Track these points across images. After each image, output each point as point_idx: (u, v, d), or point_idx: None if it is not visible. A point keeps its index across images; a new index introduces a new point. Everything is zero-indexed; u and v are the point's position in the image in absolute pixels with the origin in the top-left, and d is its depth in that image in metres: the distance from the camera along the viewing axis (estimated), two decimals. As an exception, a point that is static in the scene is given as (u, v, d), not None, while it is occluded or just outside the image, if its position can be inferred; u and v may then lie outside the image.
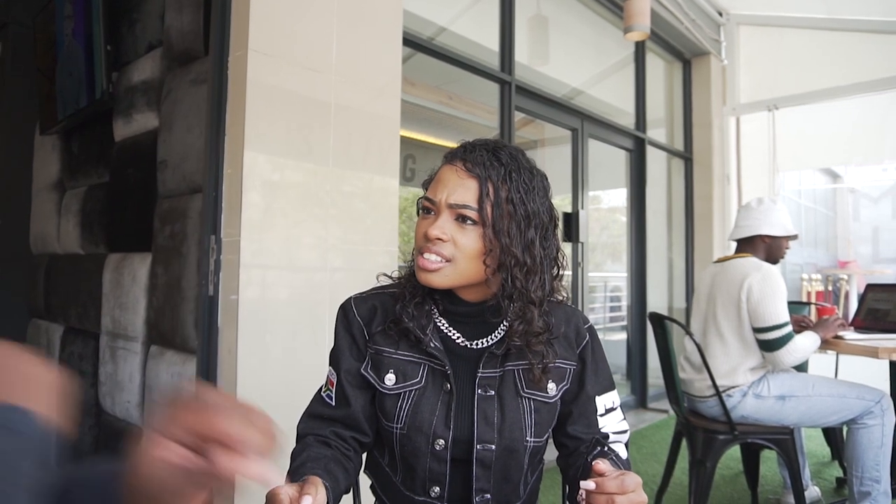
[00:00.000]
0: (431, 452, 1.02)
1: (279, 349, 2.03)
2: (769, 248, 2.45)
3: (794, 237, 2.49)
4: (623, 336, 4.93)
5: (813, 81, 5.18)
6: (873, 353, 2.24)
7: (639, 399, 4.63)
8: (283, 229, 2.06)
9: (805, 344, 2.26)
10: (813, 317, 3.38)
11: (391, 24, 2.47)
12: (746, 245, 2.48)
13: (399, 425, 1.04)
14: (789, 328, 2.24)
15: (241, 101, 1.94)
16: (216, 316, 1.95)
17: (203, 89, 2.22)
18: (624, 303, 5.01)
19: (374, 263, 2.38)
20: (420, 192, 1.11)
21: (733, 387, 2.32)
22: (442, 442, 1.02)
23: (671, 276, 5.41)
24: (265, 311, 1.99)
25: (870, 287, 2.79)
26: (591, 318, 3.63)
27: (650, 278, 4.80)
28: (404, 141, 6.11)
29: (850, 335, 2.46)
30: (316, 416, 1.14)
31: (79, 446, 2.99)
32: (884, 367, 2.64)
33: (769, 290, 2.27)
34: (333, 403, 1.12)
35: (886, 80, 4.83)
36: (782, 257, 2.48)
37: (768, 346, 2.24)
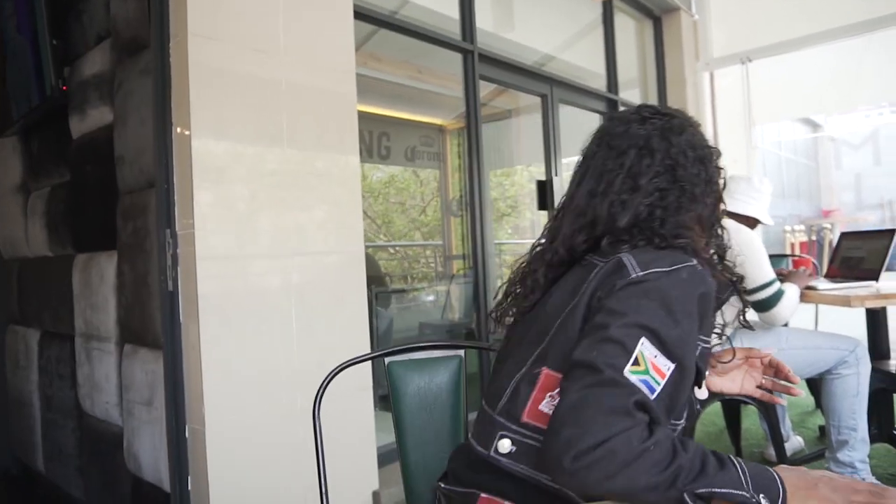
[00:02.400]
0: None
1: (244, 340, 2.00)
2: (747, 222, 2.44)
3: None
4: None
5: (786, 31, 5.12)
6: (846, 301, 2.24)
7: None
8: (239, 217, 2.01)
9: (794, 296, 2.27)
10: (788, 266, 3.40)
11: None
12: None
13: None
14: (778, 284, 2.25)
15: (184, 89, 1.88)
16: (178, 311, 1.92)
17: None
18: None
19: (340, 244, 2.35)
20: (397, 169, 1.03)
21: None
22: None
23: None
24: (226, 302, 1.96)
25: (844, 235, 2.79)
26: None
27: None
28: (377, 119, 5.99)
29: (823, 285, 2.45)
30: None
31: (62, 450, 2.98)
32: (861, 315, 2.65)
33: (750, 250, 2.27)
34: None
35: (858, 24, 4.77)
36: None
37: (763, 306, 2.24)
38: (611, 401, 0.74)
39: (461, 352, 1.28)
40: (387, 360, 1.28)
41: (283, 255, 2.13)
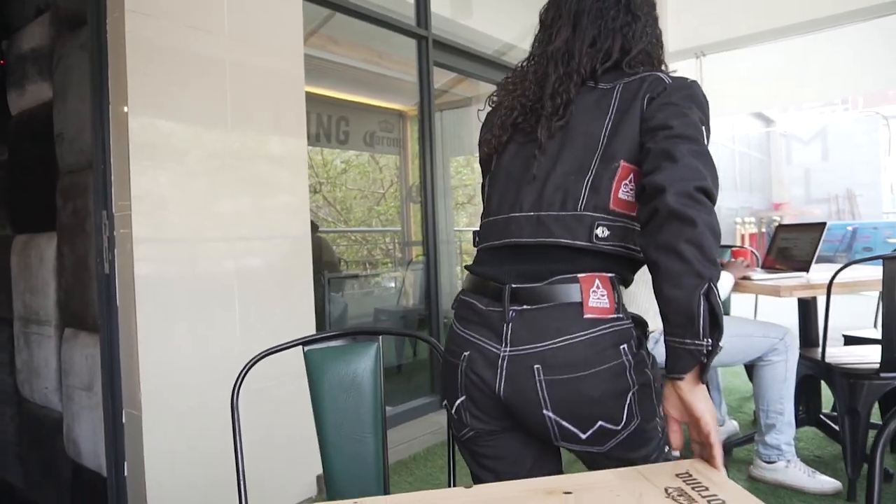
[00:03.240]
0: None
1: (184, 326, 1.98)
2: None
3: None
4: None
5: (739, 27, 5.24)
6: (776, 291, 2.32)
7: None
8: (179, 200, 1.98)
9: (722, 282, 2.35)
10: (729, 257, 3.51)
11: (289, -20, 2.37)
12: None
13: None
14: None
15: (121, 66, 1.83)
16: (115, 294, 1.88)
17: (89, 56, 2.09)
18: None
19: (285, 229, 2.33)
20: (354, 153, 1.05)
21: (652, 331, 2.39)
22: None
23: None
24: (166, 286, 1.93)
25: (780, 227, 2.89)
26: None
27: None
28: (335, 103, 5.91)
29: (758, 275, 2.54)
30: None
31: (1, 437, 2.91)
32: (794, 303, 2.76)
33: None
34: None
35: (808, 22, 4.92)
36: None
37: None
38: (712, 166, 0.98)
39: (378, 339, 1.29)
40: (305, 347, 1.28)
41: (226, 239, 2.11)
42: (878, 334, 2.66)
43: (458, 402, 1.08)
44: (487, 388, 1.04)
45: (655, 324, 2.42)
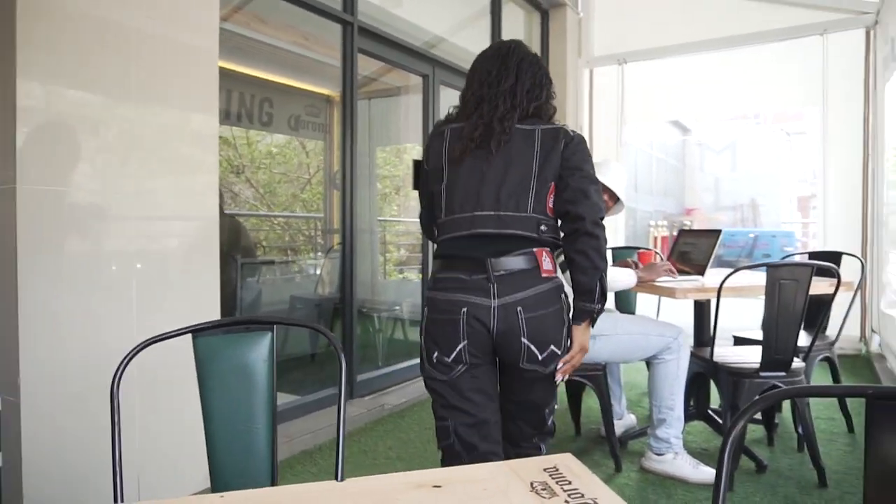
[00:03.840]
0: None
1: (74, 308, 1.87)
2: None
3: (618, 201, 2.59)
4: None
5: (660, 38, 5.47)
6: (671, 293, 2.45)
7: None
8: (73, 173, 1.86)
9: (613, 275, 2.43)
10: (638, 259, 3.66)
11: (205, -49, 2.26)
12: None
13: None
14: None
15: (10, 24, 1.69)
16: (-8, 272, 1.75)
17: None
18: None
19: (192, 210, 2.24)
20: (283, 137, 1.11)
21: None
22: None
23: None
24: (53, 266, 1.81)
25: (681, 232, 3.05)
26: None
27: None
28: (259, 83, 5.72)
29: (667, 280, 2.65)
30: None
31: None
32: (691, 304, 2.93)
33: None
34: None
35: (725, 38, 5.20)
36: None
37: None
38: (602, 199, 1.66)
39: (273, 328, 1.27)
40: (194, 335, 1.24)
41: (125, 218, 2.00)
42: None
43: (460, 346, 1.56)
44: (485, 329, 1.55)
45: None
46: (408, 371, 3.92)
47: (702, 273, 2.71)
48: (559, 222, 1.62)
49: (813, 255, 3.24)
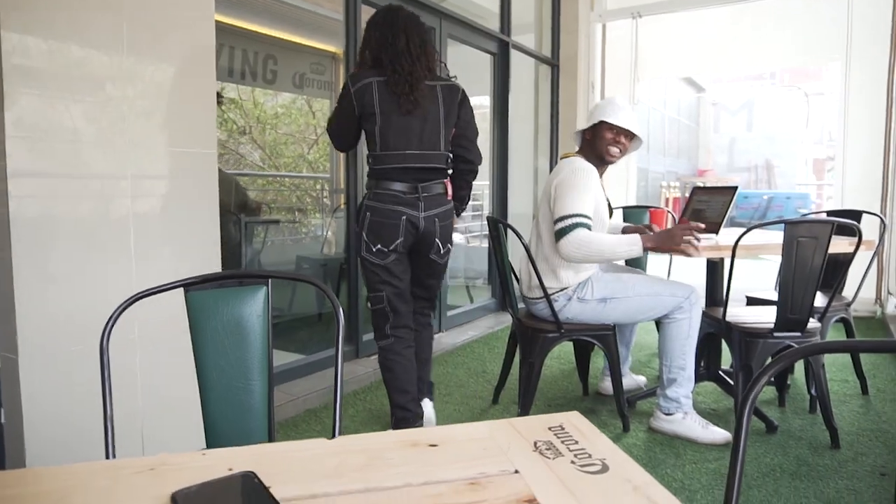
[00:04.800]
0: None
1: (70, 266, 1.82)
2: (592, 144, 2.48)
3: (631, 135, 2.46)
4: (486, 243, 5.02)
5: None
6: (684, 252, 2.37)
7: (499, 303, 4.80)
8: (66, 131, 1.79)
9: (597, 241, 2.23)
10: (647, 219, 3.57)
11: None
12: (583, 144, 2.54)
13: None
14: (574, 220, 2.23)
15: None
16: (-15, 228, 1.70)
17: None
18: (486, 211, 5.07)
19: (189, 169, 2.18)
20: (288, 96, 1.03)
21: (560, 289, 2.40)
22: None
23: (536, 184, 5.52)
24: (47, 226, 1.76)
25: (695, 190, 2.95)
26: (455, 225, 3.57)
27: (513, 186, 4.86)
28: (262, 39, 5.57)
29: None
30: None
31: None
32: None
33: (567, 184, 2.31)
34: None
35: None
36: (609, 154, 2.44)
37: (556, 237, 2.29)
38: None
39: (267, 283, 1.21)
40: (187, 289, 1.19)
41: (121, 177, 1.94)
42: (776, 296, 2.79)
43: (398, 241, 2.24)
44: (415, 231, 2.25)
45: (570, 280, 2.45)
46: (415, 331, 3.89)
47: (716, 231, 2.63)
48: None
49: (832, 214, 3.13)
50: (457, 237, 4.73)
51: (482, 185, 5.60)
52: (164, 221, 2.10)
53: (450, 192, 2.36)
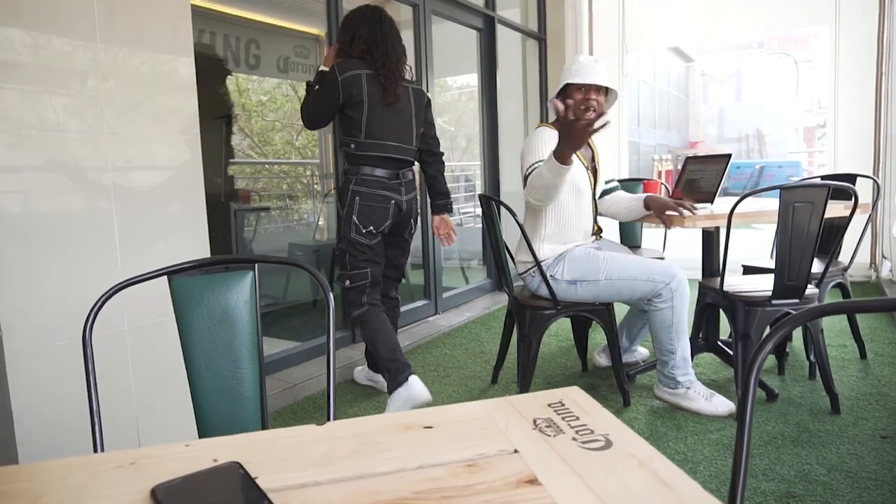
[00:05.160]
0: None
1: (52, 264, 1.78)
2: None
3: (604, 90, 2.39)
4: (479, 224, 4.98)
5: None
6: (680, 222, 2.34)
7: (494, 283, 4.78)
8: (43, 121, 1.74)
9: (534, 174, 2.19)
10: (641, 191, 3.54)
11: None
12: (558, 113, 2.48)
13: None
14: (529, 171, 2.31)
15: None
16: (-39, 223, 1.65)
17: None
18: (479, 191, 5.02)
19: (173, 158, 2.12)
20: (272, 82, 0.96)
21: (540, 262, 2.38)
22: None
23: (528, 162, 5.46)
24: (29, 221, 1.71)
25: (689, 160, 2.91)
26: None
27: (504, 164, 4.81)
28: (244, 24, 5.47)
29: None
30: None
31: None
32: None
33: (525, 149, 2.40)
34: None
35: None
36: (577, 116, 2.27)
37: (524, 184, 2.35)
38: None
39: (253, 267, 1.17)
40: (171, 277, 1.15)
41: (103, 168, 1.89)
42: (772, 264, 2.77)
43: (387, 223, 2.48)
44: (399, 212, 2.51)
45: (544, 254, 2.43)
46: (413, 313, 3.87)
47: (711, 201, 2.59)
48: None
49: (826, 178, 3.10)
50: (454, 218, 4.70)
51: (474, 164, 5.55)
52: (149, 212, 2.05)
53: (416, 178, 2.66)
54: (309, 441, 0.66)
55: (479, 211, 5.22)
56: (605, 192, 2.65)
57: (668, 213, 2.37)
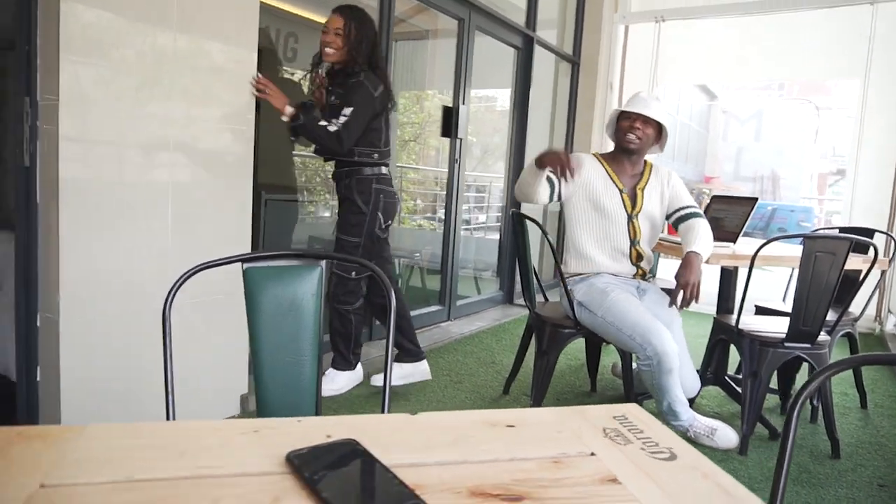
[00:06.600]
0: None
1: (112, 232, 1.87)
2: (615, 138, 2.56)
3: (652, 123, 2.46)
4: (497, 236, 5.07)
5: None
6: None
7: (506, 295, 4.86)
8: (113, 97, 1.83)
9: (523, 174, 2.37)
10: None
11: None
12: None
13: None
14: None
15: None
16: (34, 190, 1.75)
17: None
18: (501, 203, 5.12)
19: (229, 145, 2.22)
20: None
21: (564, 275, 2.49)
22: None
23: (549, 180, 5.56)
24: (93, 188, 1.81)
25: (714, 198, 3.00)
26: (466, 216, 3.61)
27: (528, 181, 4.90)
28: (286, 17, 5.62)
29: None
30: None
31: None
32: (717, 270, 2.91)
33: None
34: None
35: (770, 2, 5.02)
36: (625, 141, 2.46)
37: None
38: None
39: (322, 263, 1.26)
40: (245, 265, 1.24)
41: (164, 149, 1.98)
42: (785, 307, 2.85)
43: (396, 216, 2.73)
44: (398, 206, 2.77)
45: (569, 268, 2.51)
46: (427, 317, 3.95)
47: (734, 240, 2.68)
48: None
49: (844, 231, 3.19)
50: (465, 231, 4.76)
51: (492, 176, 5.64)
52: (201, 193, 2.15)
53: None
54: (406, 428, 0.75)
55: (491, 223, 5.30)
56: (681, 220, 2.54)
57: (675, 289, 2.34)
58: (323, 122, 2.45)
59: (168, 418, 1.15)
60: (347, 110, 2.45)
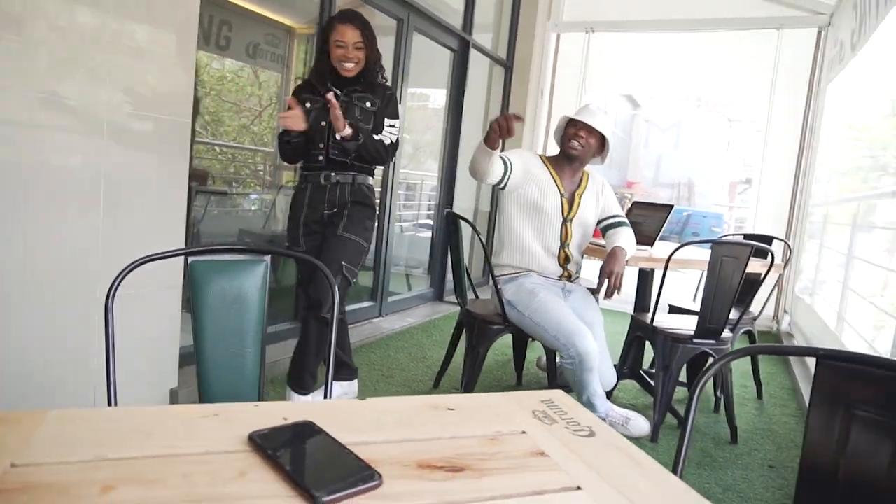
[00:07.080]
0: None
1: (37, 224, 1.82)
2: (560, 144, 2.69)
3: (596, 133, 2.58)
4: (429, 234, 5.17)
5: (628, 11, 5.56)
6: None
7: (437, 293, 4.97)
8: (36, 78, 1.78)
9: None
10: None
11: None
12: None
13: None
14: None
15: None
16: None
17: None
18: (432, 202, 5.22)
19: (163, 133, 2.19)
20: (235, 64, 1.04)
21: (494, 272, 2.62)
22: None
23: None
24: (16, 177, 1.76)
25: (635, 204, 3.21)
26: (397, 213, 3.66)
27: (460, 181, 5.03)
28: (220, 4, 5.49)
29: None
30: None
31: None
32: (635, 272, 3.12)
33: None
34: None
35: (689, 20, 5.36)
36: (568, 147, 2.59)
37: None
38: None
39: (267, 258, 1.30)
40: (190, 258, 1.26)
41: (92, 134, 1.94)
42: (695, 306, 3.09)
43: None
44: None
45: (502, 269, 2.62)
46: (359, 313, 3.99)
47: (651, 244, 2.88)
48: None
49: (747, 237, 3.48)
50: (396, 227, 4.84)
51: (423, 174, 5.73)
52: (134, 184, 2.11)
53: None
54: (357, 412, 0.82)
55: (421, 220, 5.40)
56: (610, 227, 2.71)
57: (600, 279, 2.49)
58: (378, 136, 2.42)
59: (110, 404, 1.17)
60: (395, 122, 2.49)
